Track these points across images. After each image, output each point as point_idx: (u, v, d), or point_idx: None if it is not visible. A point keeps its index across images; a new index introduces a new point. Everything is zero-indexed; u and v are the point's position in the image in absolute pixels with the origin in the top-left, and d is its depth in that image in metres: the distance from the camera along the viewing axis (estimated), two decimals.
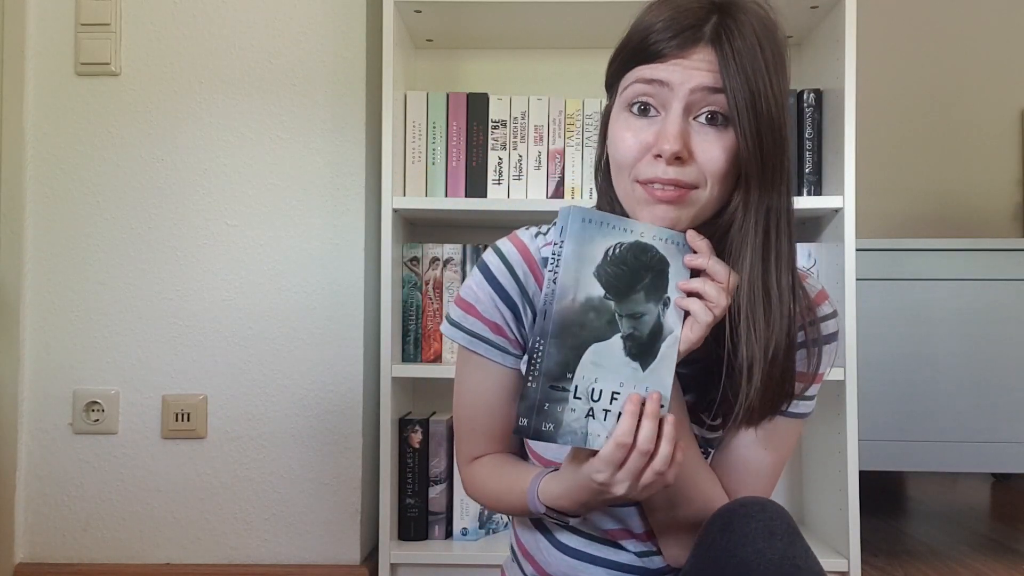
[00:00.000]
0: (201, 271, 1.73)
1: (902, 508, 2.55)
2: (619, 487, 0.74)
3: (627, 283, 0.75)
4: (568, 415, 0.74)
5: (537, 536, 0.98)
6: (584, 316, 0.74)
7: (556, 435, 0.74)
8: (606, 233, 0.75)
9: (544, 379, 0.74)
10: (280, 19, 1.74)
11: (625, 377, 0.75)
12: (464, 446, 0.96)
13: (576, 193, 1.74)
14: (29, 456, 1.73)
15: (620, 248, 0.75)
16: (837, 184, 1.64)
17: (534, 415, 0.74)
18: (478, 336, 0.90)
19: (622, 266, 0.75)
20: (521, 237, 0.91)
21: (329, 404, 1.73)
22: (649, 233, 0.76)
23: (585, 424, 0.74)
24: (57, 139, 1.74)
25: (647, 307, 0.75)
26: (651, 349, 0.75)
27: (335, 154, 1.74)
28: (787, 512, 0.79)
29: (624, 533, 0.94)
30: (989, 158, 2.88)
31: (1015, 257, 2.02)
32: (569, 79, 1.92)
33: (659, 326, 0.76)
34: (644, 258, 0.76)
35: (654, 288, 0.76)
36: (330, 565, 1.72)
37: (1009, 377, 2.00)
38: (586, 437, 0.74)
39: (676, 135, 0.76)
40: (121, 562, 1.72)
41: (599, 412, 0.74)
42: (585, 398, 0.74)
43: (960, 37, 2.89)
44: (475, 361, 0.91)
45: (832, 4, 1.67)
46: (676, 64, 0.77)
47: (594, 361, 0.74)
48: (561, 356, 0.74)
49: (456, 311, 0.92)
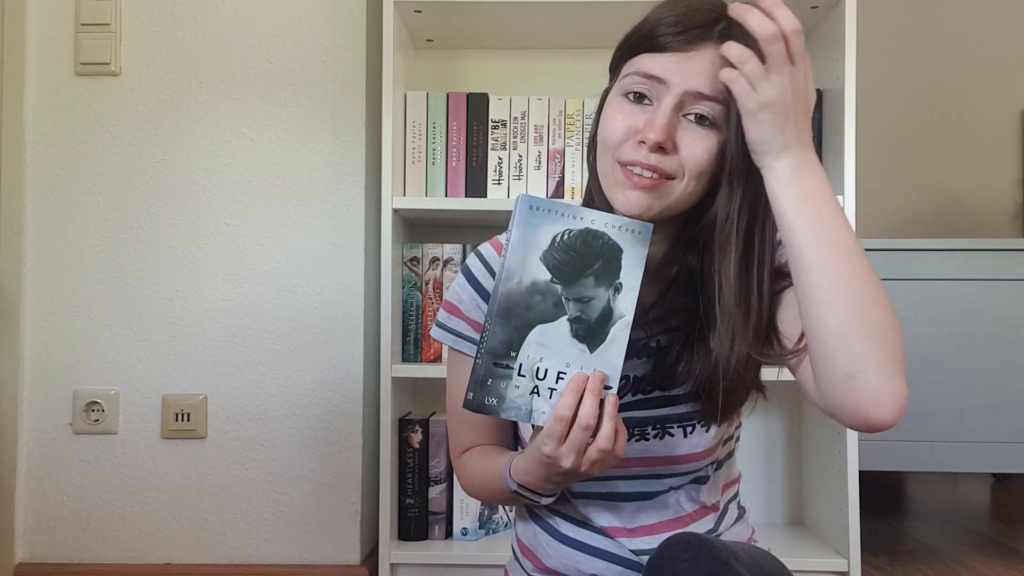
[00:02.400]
0: (201, 271, 1.73)
1: (902, 508, 2.55)
2: (565, 460, 0.76)
3: (575, 268, 0.77)
4: (512, 391, 0.77)
5: (536, 529, 0.98)
6: (529, 298, 0.77)
7: (499, 409, 0.77)
8: (554, 220, 0.78)
9: (488, 356, 0.77)
10: (280, 19, 1.74)
11: (572, 358, 0.77)
12: (455, 440, 1.00)
13: (576, 193, 1.74)
14: (29, 456, 1.73)
15: (568, 235, 0.78)
16: (837, 184, 1.64)
17: (478, 389, 0.77)
18: (462, 335, 0.95)
19: (570, 252, 0.77)
20: (500, 240, 0.95)
21: (329, 404, 1.73)
22: (601, 220, 0.78)
23: (530, 401, 0.77)
24: (57, 139, 1.74)
25: (596, 291, 0.78)
26: (600, 332, 0.78)
27: (335, 154, 1.74)
28: (714, 545, 0.79)
29: (621, 530, 0.94)
30: (989, 158, 2.88)
31: (1015, 257, 2.02)
32: (569, 79, 1.92)
33: (608, 310, 0.78)
34: (595, 244, 0.78)
35: (605, 273, 0.78)
36: (330, 565, 1.72)
37: (1009, 377, 2.00)
38: (531, 413, 0.77)
39: (663, 126, 0.78)
40: (121, 562, 1.72)
41: (544, 390, 0.77)
42: (530, 376, 0.77)
43: (960, 37, 2.89)
44: (460, 359, 0.95)
45: (832, 4, 1.67)
46: (677, 60, 0.79)
47: (539, 341, 0.77)
48: (505, 335, 0.77)
49: (443, 313, 0.97)
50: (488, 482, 0.94)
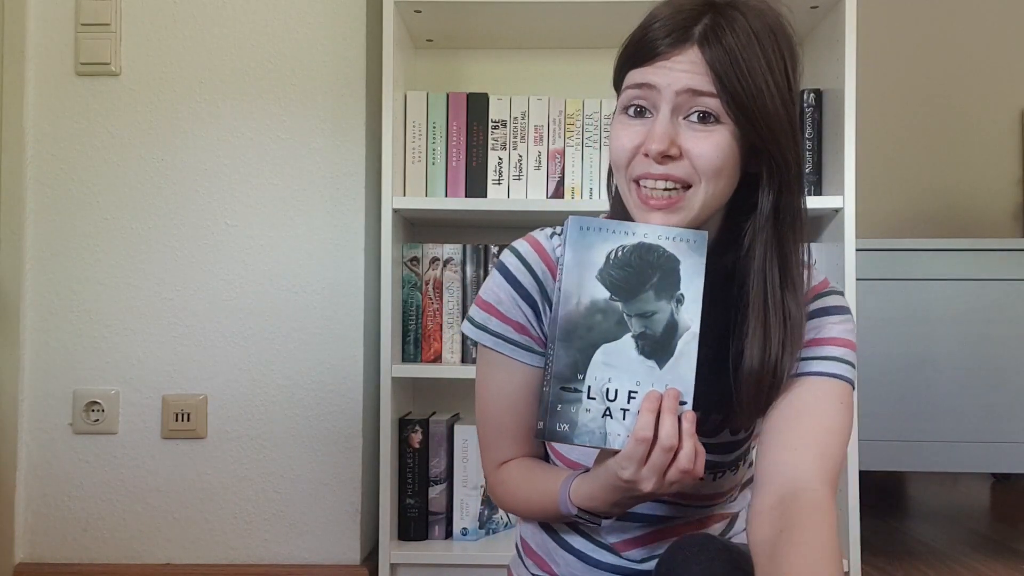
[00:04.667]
0: (201, 271, 1.73)
1: (902, 508, 2.55)
2: (646, 484, 0.74)
3: (634, 283, 0.76)
4: (583, 415, 0.75)
5: (545, 537, 0.98)
6: (590, 318, 0.76)
7: (572, 435, 0.75)
8: (606, 238, 0.77)
9: (555, 381, 0.75)
10: (280, 19, 1.74)
11: (641, 376, 0.75)
12: (491, 452, 0.95)
13: (576, 193, 1.74)
14: (29, 456, 1.73)
15: (623, 251, 0.76)
16: (837, 184, 1.64)
17: (548, 417, 0.75)
18: (502, 337, 0.91)
19: (627, 268, 0.76)
20: (536, 237, 0.92)
21: (329, 404, 1.73)
22: (654, 233, 0.77)
23: (603, 424, 0.75)
24: (57, 139, 1.74)
25: (658, 305, 0.76)
26: (667, 346, 0.76)
27: (335, 154, 1.74)
28: (726, 546, 0.79)
29: (627, 543, 0.94)
30: (989, 158, 2.88)
31: (1015, 257, 2.02)
32: (569, 79, 1.92)
33: (673, 323, 0.76)
34: (650, 258, 0.76)
35: (664, 286, 0.76)
36: (330, 565, 1.72)
37: (1009, 377, 2.00)
38: (605, 437, 0.75)
39: (662, 135, 0.77)
40: (121, 562, 1.72)
41: (616, 411, 0.75)
42: (600, 398, 0.75)
43: (960, 37, 2.89)
44: (499, 361, 0.91)
45: (832, 4, 1.67)
46: (661, 67, 0.78)
47: (605, 361, 0.75)
48: (569, 358, 0.75)
49: (479, 313, 0.92)
50: (534, 502, 0.90)
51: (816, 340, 0.86)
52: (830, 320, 0.87)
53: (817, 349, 0.85)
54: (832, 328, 0.87)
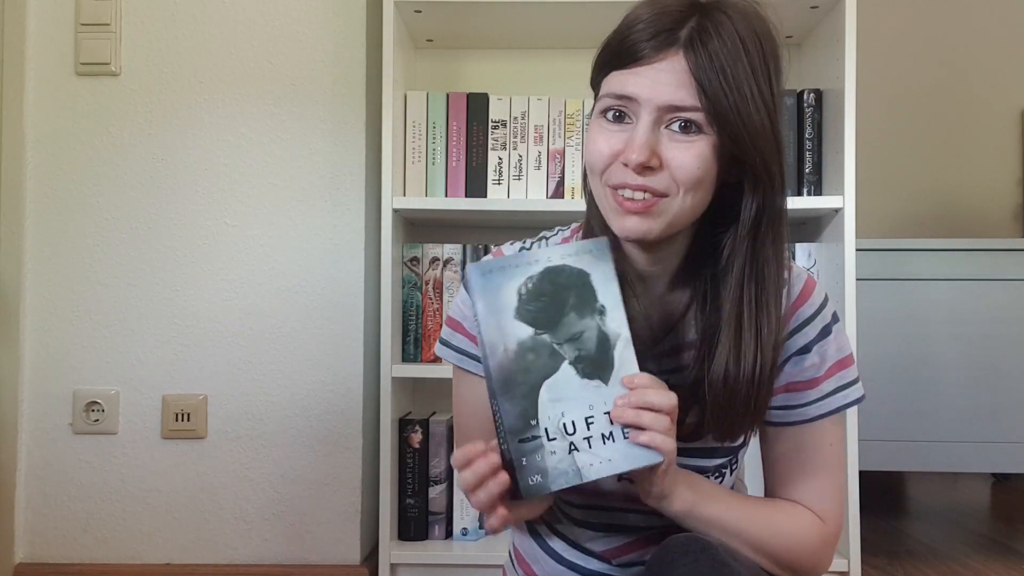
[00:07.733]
0: (201, 271, 1.73)
1: (902, 508, 2.55)
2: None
3: (553, 311, 0.74)
4: (550, 459, 0.72)
5: (531, 542, 0.98)
6: (523, 360, 0.73)
7: (548, 483, 0.72)
8: (511, 275, 0.74)
9: (511, 437, 0.73)
10: (280, 19, 1.74)
11: (592, 398, 0.74)
12: None
13: (576, 193, 1.74)
14: (29, 456, 1.73)
15: (532, 281, 0.74)
16: (837, 184, 1.64)
17: (518, 475, 0.72)
18: (465, 353, 0.92)
19: (541, 298, 0.74)
20: (504, 251, 0.92)
21: (329, 404, 1.73)
22: (556, 254, 0.75)
23: (573, 460, 0.73)
24: (57, 139, 1.74)
25: (584, 324, 0.74)
26: (605, 361, 0.74)
27: (335, 154, 1.74)
28: (714, 546, 0.79)
29: (614, 551, 0.94)
30: (989, 158, 2.88)
31: (1015, 257, 2.02)
32: (569, 79, 1.91)
33: (604, 336, 0.75)
34: (560, 280, 0.75)
35: (583, 303, 0.75)
36: (330, 565, 1.72)
37: (1009, 377, 2.00)
38: (579, 472, 0.72)
39: (643, 145, 0.75)
40: (121, 562, 1.72)
41: (580, 443, 0.73)
42: (560, 436, 0.73)
43: (960, 37, 2.88)
44: (466, 378, 0.92)
45: (832, 4, 1.67)
46: (643, 73, 0.76)
47: (552, 397, 0.73)
48: (516, 408, 0.73)
49: (446, 330, 0.93)
50: None
51: (813, 380, 0.87)
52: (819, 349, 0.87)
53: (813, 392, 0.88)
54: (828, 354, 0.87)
